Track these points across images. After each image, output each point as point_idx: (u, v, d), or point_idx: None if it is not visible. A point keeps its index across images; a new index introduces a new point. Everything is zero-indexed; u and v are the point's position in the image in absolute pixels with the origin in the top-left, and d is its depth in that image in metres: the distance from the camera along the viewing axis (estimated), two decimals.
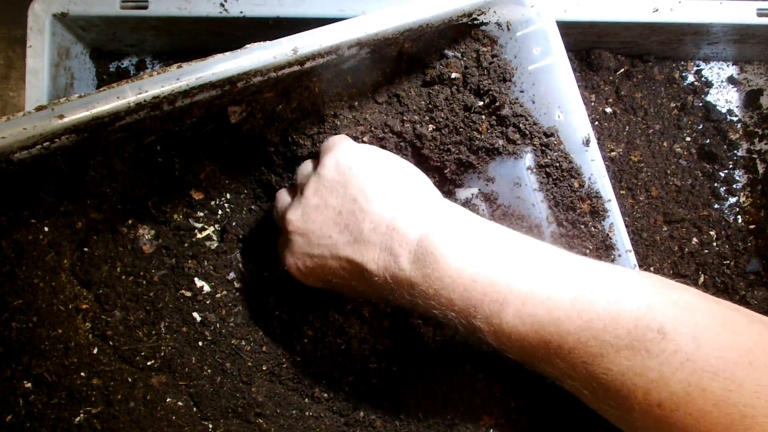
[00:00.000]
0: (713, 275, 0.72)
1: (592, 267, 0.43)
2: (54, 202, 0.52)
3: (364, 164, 0.49)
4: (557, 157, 0.55)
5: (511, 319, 0.41)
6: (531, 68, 0.56)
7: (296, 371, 0.60)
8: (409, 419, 0.59)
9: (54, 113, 0.42)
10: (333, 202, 0.48)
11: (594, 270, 0.42)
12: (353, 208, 0.47)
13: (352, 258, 0.47)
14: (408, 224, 0.45)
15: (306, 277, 0.52)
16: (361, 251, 0.46)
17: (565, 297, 0.40)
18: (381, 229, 0.46)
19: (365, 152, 0.50)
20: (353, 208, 0.47)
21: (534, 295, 0.41)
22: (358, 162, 0.49)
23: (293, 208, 0.51)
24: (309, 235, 0.49)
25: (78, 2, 0.62)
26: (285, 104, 0.56)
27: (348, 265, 0.48)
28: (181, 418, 0.56)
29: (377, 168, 0.49)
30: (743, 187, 0.75)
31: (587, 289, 0.40)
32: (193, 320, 0.59)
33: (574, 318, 0.39)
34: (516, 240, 0.45)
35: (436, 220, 0.45)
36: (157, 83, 0.44)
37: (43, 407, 0.52)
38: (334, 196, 0.48)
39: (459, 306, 0.43)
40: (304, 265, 0.50)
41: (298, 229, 0.50)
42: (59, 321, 0.53)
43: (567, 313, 0.40)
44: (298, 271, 0.51)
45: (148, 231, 0.61)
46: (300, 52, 0.47)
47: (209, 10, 0.63)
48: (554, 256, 0.44)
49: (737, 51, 0.75)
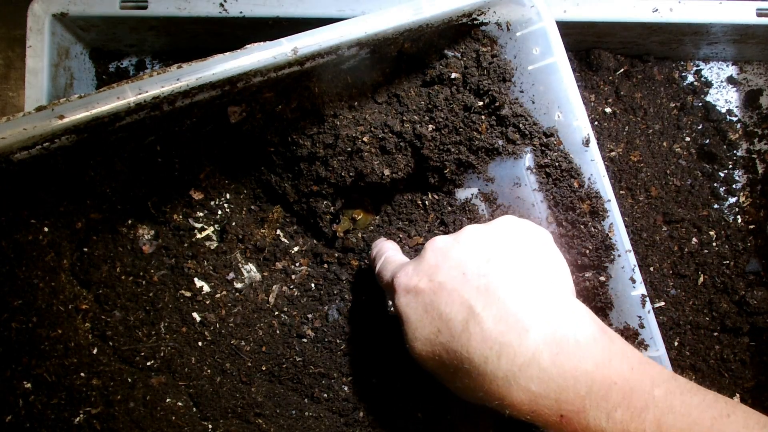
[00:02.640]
0: (713, 275, 0.72)
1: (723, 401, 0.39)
2: (54, 202, 0.52)
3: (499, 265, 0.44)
4: (557, 158, 0.55)
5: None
6: (531, 68, 0.56)
7: (296, 371, 0.60)
8: (409, 419, 0.59)
9: (54, 113, 0.42)
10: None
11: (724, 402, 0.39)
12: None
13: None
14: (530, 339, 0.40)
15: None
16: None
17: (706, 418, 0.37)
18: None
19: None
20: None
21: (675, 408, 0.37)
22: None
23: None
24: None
25: (78, 2, 0.62)
26: (285, 104, 0.56)
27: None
28: (180, 419, 0.56)
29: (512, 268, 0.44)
30: (743, 187, 0.76)
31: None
32: (192, 320, 0.59)
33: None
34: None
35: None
36: (157, 83, 0.44)
37: (43, 407, 0.52)
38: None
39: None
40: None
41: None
42: (59, 321, 0.53)
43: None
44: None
45: (148, 231, 0.61)
46: (300, 53, 0.47)
47: (209, 10, 0.63)
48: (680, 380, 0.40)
49: (737, 51, 0.75)
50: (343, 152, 0.58)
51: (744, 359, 0.71)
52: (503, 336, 0.40)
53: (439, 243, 0.47)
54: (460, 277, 0.44)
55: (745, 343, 0.72)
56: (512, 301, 0.41)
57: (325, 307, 0.63)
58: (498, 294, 0.42)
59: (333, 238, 0.65)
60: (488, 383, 0.41)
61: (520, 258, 0.45)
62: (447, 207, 0.61)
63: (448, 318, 0.43)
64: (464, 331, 0.42)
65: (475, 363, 0.41)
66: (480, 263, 0.44)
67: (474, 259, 0.44)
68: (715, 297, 0.72)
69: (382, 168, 0.59)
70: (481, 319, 0.41)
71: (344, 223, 0.65)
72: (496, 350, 0.40)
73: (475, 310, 0.42)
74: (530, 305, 0.41)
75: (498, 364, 0.40)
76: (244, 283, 0.62)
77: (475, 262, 0.44)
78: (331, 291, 0.63)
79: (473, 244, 0.46)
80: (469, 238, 0.46)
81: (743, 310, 0.71)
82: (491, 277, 0.43)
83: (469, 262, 0.44)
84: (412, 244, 0.62)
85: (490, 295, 0.42)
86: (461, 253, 0.45)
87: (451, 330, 0.42)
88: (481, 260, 0.44)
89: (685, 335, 0.71)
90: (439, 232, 0.62)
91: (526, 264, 0.44)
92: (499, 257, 0.44)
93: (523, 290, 0.42)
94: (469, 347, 0.41)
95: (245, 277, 0.63)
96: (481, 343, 0.41)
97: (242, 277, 0.63)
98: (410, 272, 0.47)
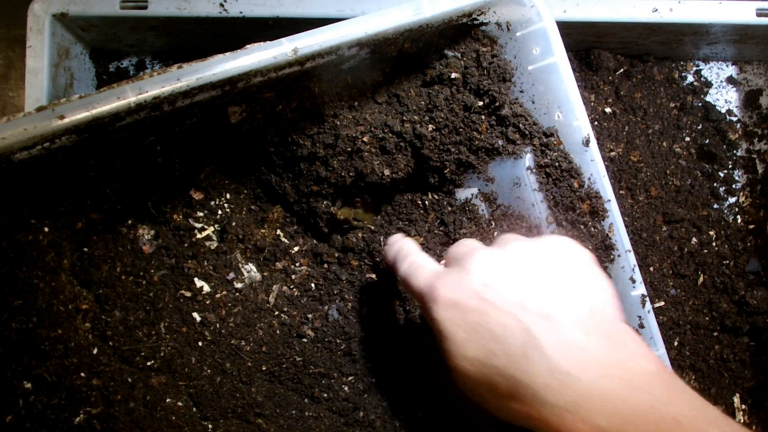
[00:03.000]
0: (713, 275, 0.72)
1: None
2: (54, 202, 0.52)
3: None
4: (557, 158, 0.56)
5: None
6: (531, 68, 0.56)
7: (296, 371, 0.60)
8: (409, 419, 0.59)
9: (54, 114, 0.42)
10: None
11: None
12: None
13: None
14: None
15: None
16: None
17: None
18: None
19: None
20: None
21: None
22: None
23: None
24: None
25: (78, 2, 0.62)
26: (285, 104, 0.56)
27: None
28: (180, 419, 0.56)
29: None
30: (743, 187, 0.76)
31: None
32: (192, 320, 0.59)
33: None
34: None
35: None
36: (158, 84, 0.44)
37: (43, 408, 0.52)
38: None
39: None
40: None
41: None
42: (59, 321, 0.53)
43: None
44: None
45: (148, 231, 0.61)
46: (300, 53, 0.47)
47: (209, 10, 0.63)
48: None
49: (737, 51, 0.75)
50: (343, 152, 0.58)
51: (744, 359, 0.71)
52: (566, 364, 0.39)
53: (484, 257, 0.45)
54: (514, 298, 0.42)
55: (745, 343, 0.72)
56: (573, 327, 0.40)
57: (325, 307, 0.63)
58: (558, 319, 0.41)
59: (331, 230, 0.64)
60: (547, 412, 0.39)
61: (575, 282, 0.44)
62: (447, 207, 0.61)
63: (504, 341, 0.41)
64: (523, 356, 0.40)
65: (534, 390, 0.39)
66: (535, 286, 0.43)
67: (529, 281, 0.43)
68: (715, 297, 0.72)
69: (382, 168, 0.59)
70: (542, 346, 0.40)
71: (345, 211, 0.64)
72: (559, 379, 0.39)
73: (535, 335, 0.40)
74: (592, 333, 0.40)
75: (560, 393, 0.39)
76: (244, 283, 0.62)
77: (530, 284, 0.43)
78: (331, 291, 0.63)
79: (525, 264, 0.44)
80: (520, 257, 0.45)
81: (743, 310, 0.71)
82: (549, 302, 0.42)
83: (524, 284, 0.43)
84: None
85: (550, 321, 0.41)
86: (514, 273, 0.44)
87: (508, 354, 0.41)
88: (536, 282, 0.43)
89: (684, 335, 0.71)
90: (439, 232, 0.62)
91: (583, 288, 0.43)
92: (554, 281, 0.43)
93: (583, 316, 0.41)
94: (529, 373, 0.40)
95: (245, 277, 0.63)
96: (542, 370, 0.39)
97: (242, 277, 0.63)
98: (453, 285, 0.45)
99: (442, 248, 0.61)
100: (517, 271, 0.44)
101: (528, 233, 0.57)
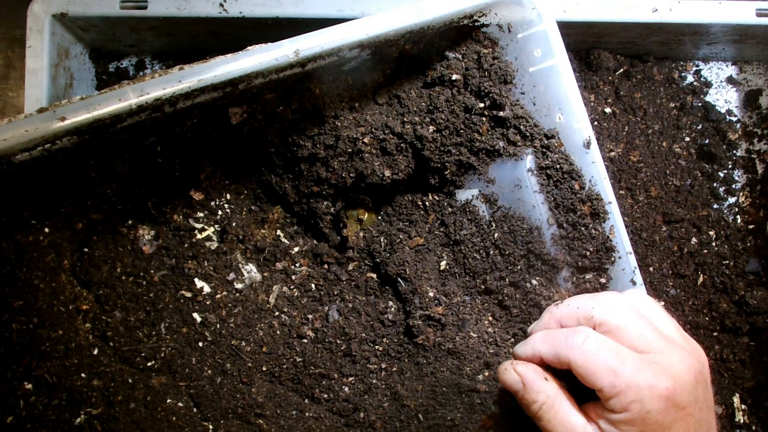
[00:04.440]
0: (712, 275, 0.72)
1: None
2: (54, 203, 0.52)
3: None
4: (558, 159, 0.56)
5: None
6: (532, 70, 0.56)
7: (296, 372, 0.60)
8: (409, 419, 0.59)
9: (55, 115, 0.42)
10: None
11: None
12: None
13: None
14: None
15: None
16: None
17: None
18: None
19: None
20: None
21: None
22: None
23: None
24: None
25: (77, 2, 0.62)
26: (286, 105, 0.56)
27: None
28: (181, 419, 0.56)
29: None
30: (742, 187, 0.76)
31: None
32: (193, 321, 0.59)
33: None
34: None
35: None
36: (159, 85, 0.44)
37: (44, 408, 0.52)
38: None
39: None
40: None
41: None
42: (60, 322, 0.54)
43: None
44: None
45: (148, 231, 0.61)
46: (301, 54, 0.47)
47: (208, 10, 0.63)
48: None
49: (736, 51, 0.75)
50: (343, 153, 0.58)
51: (744, 359, 0.71)
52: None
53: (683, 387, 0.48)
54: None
55: (745, 343, 0.72)
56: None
57: (325, 308, 0.63)
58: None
59: (343, 245, 0.65)
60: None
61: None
62: (447, 208, 0.61)
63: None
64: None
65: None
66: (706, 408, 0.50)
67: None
68: (715, 297, 0.72)
69: (383, 169, 0.59)
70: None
71: (352, 226, 0.65)
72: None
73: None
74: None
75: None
76: (245, 284, 0.62)
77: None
78: (331, 291, 0.63)
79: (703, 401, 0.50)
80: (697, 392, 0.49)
81: (743, 310, 0.71)
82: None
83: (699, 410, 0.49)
84: (412, 245, 0.62)
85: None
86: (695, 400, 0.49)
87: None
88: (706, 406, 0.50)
89: None
90: (439, 233, 0.62)
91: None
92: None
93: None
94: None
95: (245, 278, 0.63)
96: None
97: (242, 278, 0.63)
98: (678, 391, 0.47)
99: (443, 249, 0.61)
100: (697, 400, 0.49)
101: (529, 235, 0.57)
